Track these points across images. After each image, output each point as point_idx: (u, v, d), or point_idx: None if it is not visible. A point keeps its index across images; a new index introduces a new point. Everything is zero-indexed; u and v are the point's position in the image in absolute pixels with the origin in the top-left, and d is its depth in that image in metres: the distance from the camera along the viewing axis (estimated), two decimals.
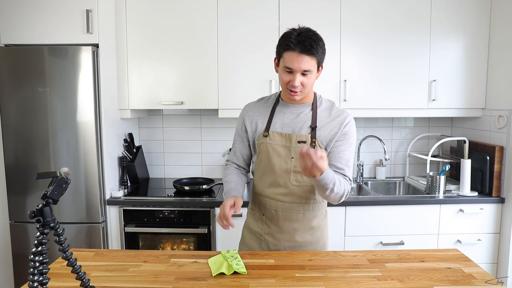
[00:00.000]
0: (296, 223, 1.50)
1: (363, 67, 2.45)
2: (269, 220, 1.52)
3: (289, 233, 1.50)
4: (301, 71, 1.33)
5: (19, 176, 2.22)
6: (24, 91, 2.16)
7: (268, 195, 1.50)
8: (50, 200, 0.99)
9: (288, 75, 1.36)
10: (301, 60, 1.32)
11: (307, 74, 1.35)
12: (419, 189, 2.53)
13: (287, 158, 1.43)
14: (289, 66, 1.33)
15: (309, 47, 1.31)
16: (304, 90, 1.38)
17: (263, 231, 1.54)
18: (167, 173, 2.89)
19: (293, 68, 1.33)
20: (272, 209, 1.50)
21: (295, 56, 1.32)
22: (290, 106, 1.48)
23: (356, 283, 1.22)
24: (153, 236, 2.31)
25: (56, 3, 2.17)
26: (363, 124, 2.86)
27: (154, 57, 2.43)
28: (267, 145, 1.45)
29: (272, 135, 1.45)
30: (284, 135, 1.44)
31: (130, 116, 2.48)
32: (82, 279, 1.08)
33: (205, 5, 2.39)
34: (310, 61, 1.33)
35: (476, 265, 1.34)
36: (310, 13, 2.39)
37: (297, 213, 1.49)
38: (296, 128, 1.44)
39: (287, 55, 1.34)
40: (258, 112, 1.52)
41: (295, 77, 1.34)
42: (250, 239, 1.57)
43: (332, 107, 1.48)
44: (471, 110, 2.51)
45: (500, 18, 2.35)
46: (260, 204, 1.53)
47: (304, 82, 1.36)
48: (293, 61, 1.32)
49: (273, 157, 1.44)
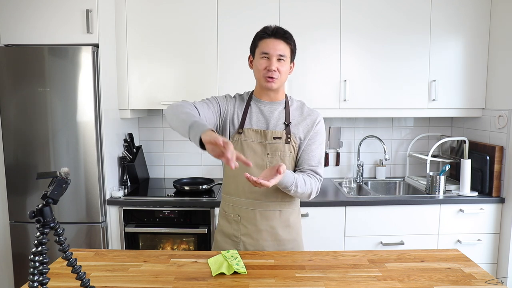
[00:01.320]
0: (274, 221, 1.49)
1: (363, 67, 2.45)
2: (245, 220, 1.49)
3: (267, 231, 1.50)
4: (277, 55, 1.40)
5: (19, 176, 2.22)
6: (24, 91, 2.16)
7: (243, 193, 1.48)
8: (50, 200, 0.99)
9: (264, 61, 1.41)
10: (277, 44, 1.40)
11: (282, 59, 1.41)
12: (419, 189, 2.53)
13: (262, 155, 1.44)
14: (266, 50, 1.40)
15: (284, 34, 1.42)
16: (280, 77, 1.43)
17: (239, 233, 1.51)
18: (167, 173, 2.89)
19: (269, 52, 1.40)
20: (248, 209, 1.48)
21: (270, 41, 1.41)
22: (264, 103, 1.49)
23: (356, 283, 1.22)
24: (153, 236, 2.31)
25: (56, 3, 2.17)
26: (363, 124, 2.86)
27: (154, 57, 2.43)
28: (241, 142, 1.45)
29: (247, 132, 1.45)
30: (259, 132, 1.45)
31: (130, 116, 2.48)
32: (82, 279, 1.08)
33: (205, 5, 2.39)
34: (285, 47, 1.42)
35: (476, 265, 1.34)
36: (310, 13, 2.39)
37: (274, 211, 1.49)
38: (270, 124, 1.47)
39: (263, 42, 1.42)
40: (236, 106, 1.51)
41: (272, 62, 1.40)
42: (225, 242, 1.54)
43: (303, 107, 1.54)
44: (471, 110, 2.51)
45: (500, 18, 2.36)
46: (234, 205, 1.51)
47: (280, 68, 1.41)
48: (269, 45, 1.40)
49: (248, 154, 1.43)
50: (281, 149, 1.44)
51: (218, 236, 1.58)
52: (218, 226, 1.60)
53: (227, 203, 1.55)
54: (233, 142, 1.45)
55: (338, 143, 2.81)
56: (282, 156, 1.45)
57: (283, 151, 1.45)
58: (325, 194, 2.43)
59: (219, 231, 1.59)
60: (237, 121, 1.48)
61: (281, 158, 1.44)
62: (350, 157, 2.88)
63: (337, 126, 2.80)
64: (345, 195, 2.40)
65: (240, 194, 1.49)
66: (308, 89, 2.44)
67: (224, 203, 1.57)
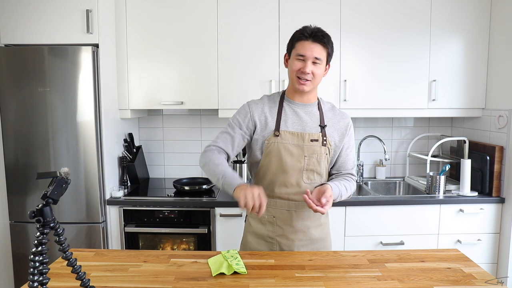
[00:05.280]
0: (308, 220, 1.52)
1: (363, 67, 2.45)
2: (281, 221, 1.50)
3: (303, 231, 1.51)
4: (313, 58, 1.39)
5: (19, 176, 2.22)
6: (24, 91, 2.16)
7: (279, 195, 1.48)
8: (50, 200, 0.99)
9: (299, 63, 1.40)
10: (313, 47, 1.39)
11: (317, 63, 1.40)
12: (419, 189, 2.53)
13: (300, 157, 1.44)
14: (302, 53, 1.39)
15: (322, 37, 1.39)
16: (314, 80, 1.42)
17: (275, 234, 1.51)
18: (167, 173, 2.89)
19: (305, 55, 1.38)
20: (284, 210, 1.49)
21: (308, 44, 1.39)
22: (297, 104, 1.49)
23: (356, 283, 1.22)
24: (153, 236, 2.31)
25: (56, 3, 2.17)
26: (363, 124, 2.86)
27: (154, 57, 2.43)
28: (278, 144, 1.43)
29: (284, 134, 1.44)
30: (296, 134, 1.44)
31: (130, 116, 2.48)
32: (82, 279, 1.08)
33: (205, 5, 2.39)
34: (322, 50, 1.40)
35: (476, 265, 1.34)
36: (310, 13, 2.39)
37: (309, 211, 1.49)
38: (306, 126, 1.46)
39: (299, 44, 1.40)
40: (266, 108, 1.49)
41: (307, 64, 1.39)
42: (258, 244, 1.54)
43: (334, 108, 1.56)
44: (471, 110, 2.51)
45: (500, 18, 2.35)
46: (269, 206, 1.49)
47: (314, 71, 1.40)
48: (306, 48, 1.38)
49: (286, 157, 1.43)
50: (318, 151, 1.45)
51: (250, 237, 1.56)
52: (249, 227, 1.57)
53: None
54: (270, 144, 1.44)
55: None
56: (319, 158, 1.46)
57: (319, 153, 1.45)
58: None
59: (250, 232, 1.56)
60: (272, 124, 1.46)
61: (317, 160, 1.46)
62: None
63: None
64: None
65: (275, 196, 1.49)
66: None
67: None
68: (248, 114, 1.48)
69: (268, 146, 1.44)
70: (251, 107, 1.49)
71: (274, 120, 1.46)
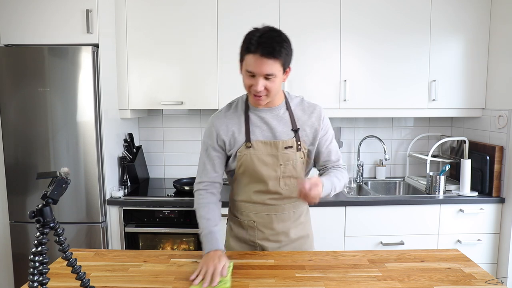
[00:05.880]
0: (289, 221, 1.49)
1: (363, 67, 2.45)
2: (261, 225, 1.48)
3: (284, 233, 1.49)
4: (263, 75, 1.24)
5: (19, 176, 2.22)
6: (24, 91, 2.16)
7: (257, 201, 1.45)
8: (50, 200, 0.99)
9: (250, 79, 1.26)
10: (262, 63, 1.21)
11: (270, 78, 1.25)
12: (419, 189, 2.53)
13: (275, 166, 1.38)
14: (250, 70, 1.24)
15: (271, 49, 1.20)
16: (269, 94, 1.29)
17: (256, 238, 1.49)
18: (167, 173, 2.89)
19: (255, 72, 1.23)
20: (263, 214, 1.46)
21: (256, 60, 1.21)
22: (263, 111, 1.39)
23: (356, 283, 1.22)
24: (153, 236, 2.31)
25: (56, 3, 2.17)
26: (363, 124, 2.86)
27: (154, 57, 2.43)
28: (251, 156, 1.36)
29: (256, 144, 1.36)
30: (269, 143, 1.36)
31: (130, 116, 2.48)
32: (82, 279, 1.08)
33: (205, 5, 2.39)
34: (273, 65, 1.22)
35: (476, 265, 1.34)
36: (310, 13, 2.39)
37: (289, 212, 1.48)
38: (278, 133, 1.38)
39: (248, 58, 1.24)
40: (231, 122, 1.39)
41: (258, 81, 1.24)
42: (241, 247, 1.52)
43: (302, 102, 1.45)
44: (471, 110, 2.51)
45: (500, 18, 2.35)
46: (249, 211, 1.47)
47: (268, 86, 1.26)
48: (254, 64, 1.22)
49: (260, 168, 1.37)
50: (293, 157, 1.39)
51: (232, 242, 1.53)
52: (231, 232, 1.55)
53: (239, 209, 1.50)
54: (242, 156, 1.37)
55: (338, 143, 2.79)
56: (295, 164, 1.40)
57: (295, 159, 1.39)
58: None
59: (233, 236, 1.54)
60: (241, 136, 1.37)
61: (293, 166, 1.40)
62: (350, 157, 2.88)
63: (337, 126, 2.80)
64: (345, 195, 2.40)
65: (253, 202, 1.45)
66: (308, 89, 2.44)
67: (234, 209, 1.53)
68: (214, 133, 1.40)
69: (241, 158, 1.37)
70: (215, 125, 1.40)
71: (242, 131, 1.37)
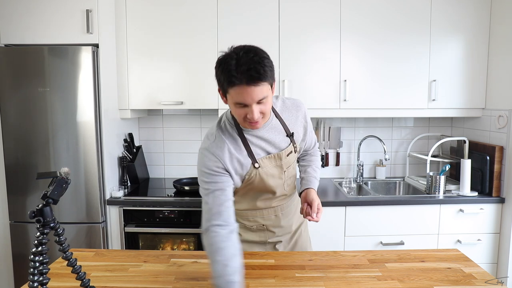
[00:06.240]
0: (291, 214, 1.56)
1: (363, 67, 2.45)
2: (271, 226, 1.52)
3: (289, 226, 1.55)
4: (257, 101, 1.14)
5: (19, 176, 2.22)
6: (24, 91, 2.16)
7: (263, 207, 1.48)
8: (50, 200, 0.99)
9: (242, 110, 1.17)
10: (251, 92, 1.11)
11: (263, 101, 1.16)
12: (419, 189, 2.53)
13: (281, 174, 1.40)
14: (241, 101, 1.14)
15: (257, 75, 1.10)
16: (265, 116, 1.22)
17: (267, 238, 1.53)
18: (167, 173, 2.89)
19: (246, 103, 1.14)
20: (272, 216, 1.50)
21: (243, 90, 1.11)
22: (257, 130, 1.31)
23: (356, 283, 1.22)
24: (153, 236, 2.31)
25: (56, 3, 2.17)
26: (363, 124, 2.86)
27: (154, 57, 2.43)
28: (260, 174, 1.34)
29: (262, 162, 1.33)
30: (273, 157, 1.35)
31: (130, 116, 2.48)
32: (82, 279, 1.08)
33: (205, 5, 2.39)
34: (262, 88, 1.13)
35: (476, 265, 1.34)
36: (310, 13, 2.39)
37: (291, 206, 1.56)
38: (277, 144, 1.35)
39: (233, 91, 1.13)
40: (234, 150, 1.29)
41: (252, 110, 1.15)
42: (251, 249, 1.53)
43: (284, 103, 1.41)
44: (471, 110, 2.51)
45: (500, 18, 2.35)
46: (256, 217, 1.49)
47: (263, 109, 1.18)
48: (244, 95, 1.12)
49: (269, 180, 1.37)
50: (292, 159, 1.42)
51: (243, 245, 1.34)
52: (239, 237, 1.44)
53: (244, 216, 1.50)
54: (251, 176, 1.33)
55: (338, 143, 2.81)
56: (294, 164, 1.46)
57: (293, 161, 1.44)
58: (325, 194, 2.43)
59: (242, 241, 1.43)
60: (246, 160, 1.31)
61: (293, 167, 1.46)
62: (350, 157, 2.88)
63: (337, 126, 2.80)
64: (345, 195, 2.40)
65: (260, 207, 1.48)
66: (308, 89, 2.44)
67: (239, 216, 1.48)
68: (220, 163, 1.26)
69: (250, 178, 1.34)
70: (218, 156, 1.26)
71: (245, 155, 1.30)
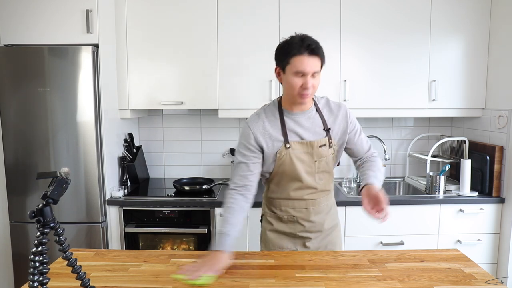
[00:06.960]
0: (323, 213, 1.58)
1: (363, 67, 2.45)
2: (301, 219, 1.55)
3: (320, 224, 1.57)
4: (312, 73, 1.36)
5: (19, 176, 2.22)
6: (24, 91, 2.16)
7: (296, 197, 1.53)
8: (50, 200, 0.99)
9: (300, 79, 1.36)
10: (311, 62, 1.35)
11: (316, 75, 1.38)
12: (419, 189, 2.53)
13: (311, 163, 1.48)
14: (301, 70, 1.34)
15: (316, 49, 1.35)
16: (314, 91, 1.41)
17: (296, 230, 1.57)
18: (167, 173, 2.89)
19: (305, 71, 1.34)
20: (302, 209, 1.54)
21: (305, 59, 1.34)
22: (297, 114, 1.48)
23: (356, 283, 1.22)
24: (153, 236, 2.31)
25: (56, 3, 2.17)
26: (363, 124, 2.83)
27: (154, 57, 2.43)
28: (291, 155, 1.45)
29: (294, 145, 1.45)
30: (305, 143, 1.46)
31: (130, 116, 2.48)
32: (82, 279, 1.08)
33: (205, 6, 2.39)
34: (318, 62, 1.37)
35: (476, 265, 1.34)
36: (310, 13, 2.39)
37: (323, 205, 1.58)
38: (312, 134, 1.48)
39: (296, 60, 1.35)
40: (268, 126, 1.47)
41: (307, 80, 1.35)
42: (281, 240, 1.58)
43: (328, 102, 1.55)
44: (471, 110, 2.51)
45: (500, 18, 2.35)
46: (287, 207, 1.55)
47: (314, 83, 1.38)
48: (304, 64, 1.34)
49: (299, 165, 1.46)
50: (326, 154, 1.49)
51: (272, 235, 1.59)
52: (269, 226, 1.60)
53: (277, 206, 1.57)
54: (282, 156, 1.45)
55: None
56: (327, 160, 1.51)
57: (327, 156, 1.50)
58: None
59: (272, 231, 1.59)
60: (279, 138, 1.46)
61: (326, 162, 1.50)
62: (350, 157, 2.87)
63: None
64: (345, 195, 2.40)
65: (292, 198, 1.53)
66: None
67: (272, 205, 1.60)
68: (252, 135, 1.46)
69: (281, 158, 1.46)
70: (252, 128, 1.47)
71: (280, 133, 1.46)
